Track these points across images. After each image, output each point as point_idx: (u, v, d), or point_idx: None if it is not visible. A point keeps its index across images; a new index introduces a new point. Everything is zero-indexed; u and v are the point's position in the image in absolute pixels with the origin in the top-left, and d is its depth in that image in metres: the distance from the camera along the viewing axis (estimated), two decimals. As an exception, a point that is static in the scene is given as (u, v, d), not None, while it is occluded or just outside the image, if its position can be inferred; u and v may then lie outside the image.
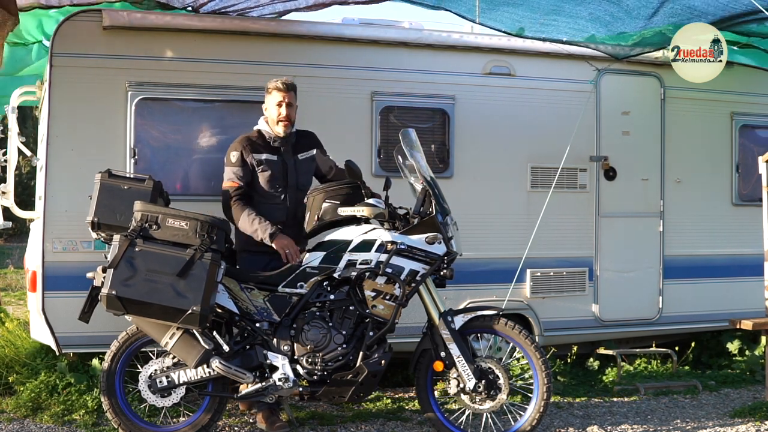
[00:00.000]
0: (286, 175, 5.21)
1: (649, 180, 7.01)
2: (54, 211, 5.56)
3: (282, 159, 5.20)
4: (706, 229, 7.21)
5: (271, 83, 5.21)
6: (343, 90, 6.18)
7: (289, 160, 5.23)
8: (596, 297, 6.81)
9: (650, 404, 6.25)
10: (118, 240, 4.56)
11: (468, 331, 5.11)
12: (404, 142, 5.12)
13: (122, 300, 4.50)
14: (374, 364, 4.90)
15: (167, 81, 5.77)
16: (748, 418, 5.88)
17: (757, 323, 6.23)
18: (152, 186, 4.97)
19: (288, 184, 5.21)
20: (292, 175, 5.22)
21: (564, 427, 5.62)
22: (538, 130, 6.64)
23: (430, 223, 4.96)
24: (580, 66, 6.67)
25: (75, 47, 5.60)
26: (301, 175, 5.27)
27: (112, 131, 5.68)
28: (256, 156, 5.15)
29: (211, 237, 4.66)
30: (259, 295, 4.96)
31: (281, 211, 5.21)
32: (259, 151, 5.16)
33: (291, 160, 5.23)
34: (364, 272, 4.89)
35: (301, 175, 5.26)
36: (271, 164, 5.16)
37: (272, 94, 5.20)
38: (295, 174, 5.23)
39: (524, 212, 6.59)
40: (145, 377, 4.89)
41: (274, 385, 4.86)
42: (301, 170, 5.27)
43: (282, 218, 5.19)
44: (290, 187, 5.21)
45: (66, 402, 5.57)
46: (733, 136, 7.33)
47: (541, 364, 5.08)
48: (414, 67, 6.36)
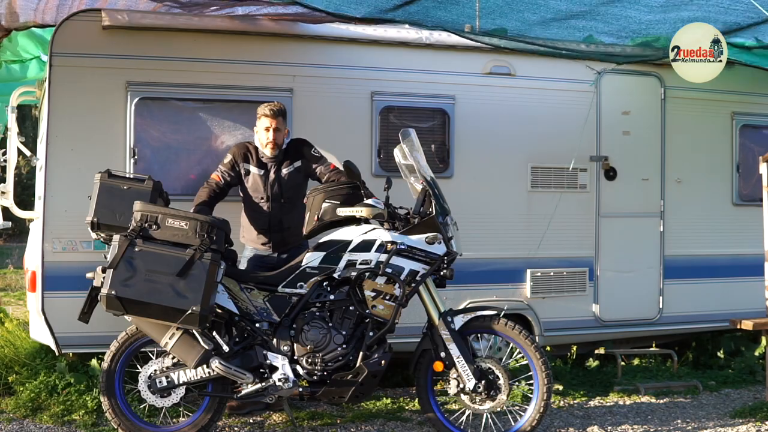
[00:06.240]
0: (269, 189, 5.36)
1: (649, 180, 7.01)
2: (54, 211, 5.56)
3: (267, 173, 5.38)
4: (707, 229, 7.21)
5: (260, 109, 5.38)
6: (343, 90, 6.18)
7: (274, 174, 5.38)
8: (596, 297, 6.81)
9: (650, 404, 6.25)
10: (117, 240, 4.56)
11: (468, 332, 5.11)
12: (404, 142, 5.12)
13: (122, 300, 4.50)
14: (374, 364, 4.90)
15: (167, 81, 5.77)
16: (749, 418, 5.88)
17: (757, 323, 6.23)
18: (152, 186, 4.97)
19: (271, 197, 5.37)
20: (276, 190, 5.37)
21: (564, 427, 5.61)
22: (538, 130, 6.64)
23: (430, 223, 4.96)
24: (580, 66, 6.66)
25: (75, 47, 5.60)
26: (286, 188, 5.40)
27: (111, 131, 5.68)
28: (244, 165, 5.39)
29: (211, 237, 4.65)
30: (259, 296, 4.96)
31: (264, 219, 5.41)
32: (248, 161, 5.39)
33: (276, 174, 5.38)
34: (364, 272, 4.88)
35: (285, 188, 5.39)
36: (256, 176, 5.38)
37: (261, 120, 5.37)
38: (279, 187, 5.37)
39: (524, 212, 6.58)
40: (145, 377, 4.89)
41: (273, 386, 4.86)
42: (285, 184, 5.39)
43: (264, 225, 5.42)
44: (273, 199, 5.38)
45: (66, 402, 5.57)
46: (734, 136, 7.33)
47: (541, 364, 5.07)
48: (414, 67, 6.36)
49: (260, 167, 5.38)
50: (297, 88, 6.03)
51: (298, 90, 6.03)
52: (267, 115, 5.31)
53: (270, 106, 5.34)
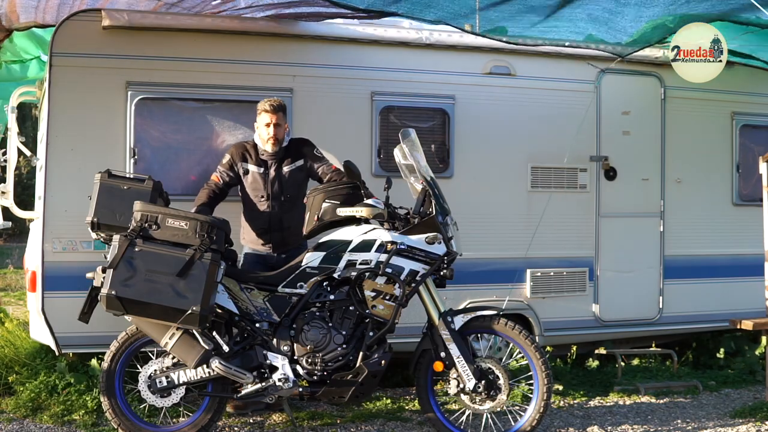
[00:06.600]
0: (269, 187, 5.33)
1: (649, 180, 7.01)
2: (54, 211, 5.56)
3: (267, 171, 5.35)
4: (707, 229, 7.21)
5: (260, 104, 5.36)
6: (343, 90, 6.18)
7: (275, 172, 5.35)
8: (596, 297, 6.81)
9: (650, 404, 6.25)
10: (117, 240, 4.56)
11: (468, 332, 5.11)
12: (404, 142, 5.12)
13: (122, 300, 4.50)
14: (374, 364, 4.90)
15: (167, 81, 5.77)
16: (749, 418, 5.88)
17: (757, 323, 6.23)
18: (152, 186, 4.98)
19: (271, 195, 5.34)
20: (276, 187, 5.35)
21: (564, 427, 5.61)
22: (538, 130, 6.64)
23: (430, 223, 4.96)
24: (580, 66, 6.67)
25: (75, 47, 5.59)
26: (287, 186, 5.37)
27: (111, 131, 5.68)
28: (243, 165, 5.37)
29: (211, 237, 4.65)
30: (259, 296, 4.96)
31: (264, 217, 5.38)
32: (246, 160, 5.37)
33: (276, 172, 5.36)
34: (364, 272, 4.88)
35: (286, 186, 5.37)
36: (255, 175, 5.36)
37: (261, 115, 5.35)
38: (279, 185, 5.35)
39: (524, 212, 6.58)
40: (145, 377, 4.89)
41: (273, 386, 4.86)
42: (286, 182, 5.37)
43: (264, 225, 5.39)
44: (273, 198, 5.35)
45: (66, 402, 5.57)
46: (734, 136, 7.32)
47: (541, 364, 5.07)
48: (414, 67, 6.36)
49: (259, 165, 5.36)
50: (297, 88, 6.03)
51: (298, 90, 6.03)
52: (267, 111, 5.30)
53: (270, 102, 5.32)
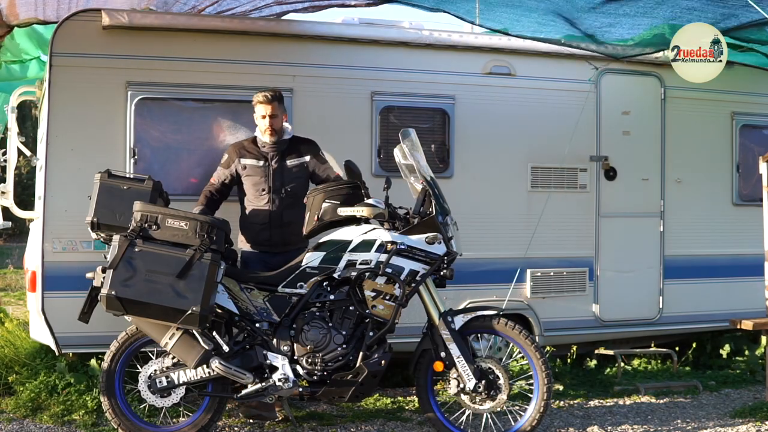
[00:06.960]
0: (270, 180, 5.29)
1: (649, 180, 7.01)
2: (54, 211, 5.56)
3: (268, 164, 5.31)
4: (707, 229, 7.21)
5: (255, 97, 5.34)
6: (343, 90, 6.18)
7: (277, 165, 5.32)
8: (596, 297, 6.81)
9: (650, 404, 6.25)
10: (117, 240, 4.55)
11: (468, 332, 5.11)
12: (404, 142, 5.11)
13: (122, 300, 4.50)
14: (374, 364, 4.90)
15: (167, 81, 5.77)
16: (749, 418, 5.88)
17: (757, 323, 6.23)
18: (152, 186, 4.98)
19: (273, 189, 5.30)
20: (277, 180, 5.30)
21: (564, 427, 5.61)
22: (538, 130, 6.64)
23: (430, 223, 4.95)
24: (580, 66, 6.67)
25: (75, 47, 5.60)
26: (288, 180, 5.34)
27: (111, 131, 5.67)
28: (242, 161, 5.33)
29: (211, 237, 4.65)
30: (259, 296, 4.96)
31: (265, 213, 5.33)
32: (246, 156, 5.33)
33: (278, 165, 5.32)
34: (364, 272, 4.88)
35: (287, 179, 5.33)
36: (256, 169, 5.31)
37: (257, 108, 5.34)
38: (281, 179, 5.31)
39: (524, 212, 6.58)
40: (145, 377, 4.89)
41: (273, 386, 4.86)
42: (288, 176, 5.34)
43: (265, 220, 5.33)
44: (275, 192, 5.30)
45: (65, 402, 5.57)
46: (734, 136, 7.33)
47: (542, 364, 5.07)
48: (414, 67, 6.36)
49: (260, 159, 5.32)
50: (297, 88, 6.02)
51: (298, 90, 6.03)
52: (262, 102, 5.28)
53: (264, 93, 5.29)
